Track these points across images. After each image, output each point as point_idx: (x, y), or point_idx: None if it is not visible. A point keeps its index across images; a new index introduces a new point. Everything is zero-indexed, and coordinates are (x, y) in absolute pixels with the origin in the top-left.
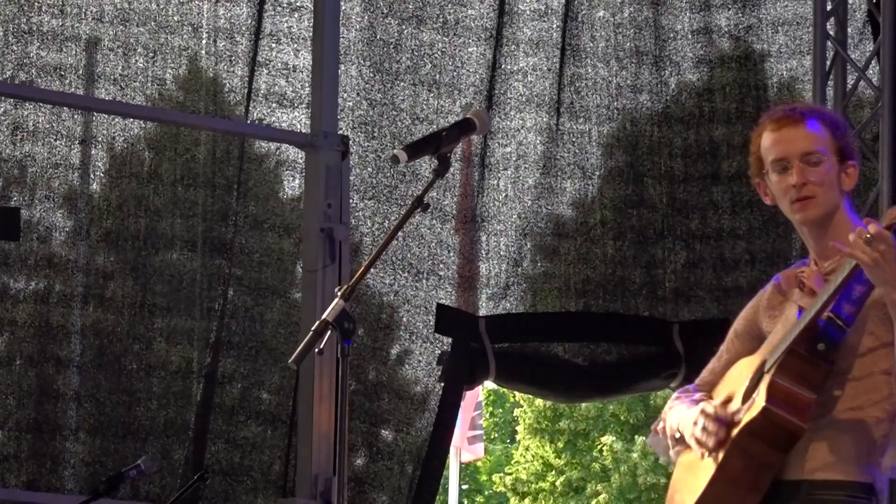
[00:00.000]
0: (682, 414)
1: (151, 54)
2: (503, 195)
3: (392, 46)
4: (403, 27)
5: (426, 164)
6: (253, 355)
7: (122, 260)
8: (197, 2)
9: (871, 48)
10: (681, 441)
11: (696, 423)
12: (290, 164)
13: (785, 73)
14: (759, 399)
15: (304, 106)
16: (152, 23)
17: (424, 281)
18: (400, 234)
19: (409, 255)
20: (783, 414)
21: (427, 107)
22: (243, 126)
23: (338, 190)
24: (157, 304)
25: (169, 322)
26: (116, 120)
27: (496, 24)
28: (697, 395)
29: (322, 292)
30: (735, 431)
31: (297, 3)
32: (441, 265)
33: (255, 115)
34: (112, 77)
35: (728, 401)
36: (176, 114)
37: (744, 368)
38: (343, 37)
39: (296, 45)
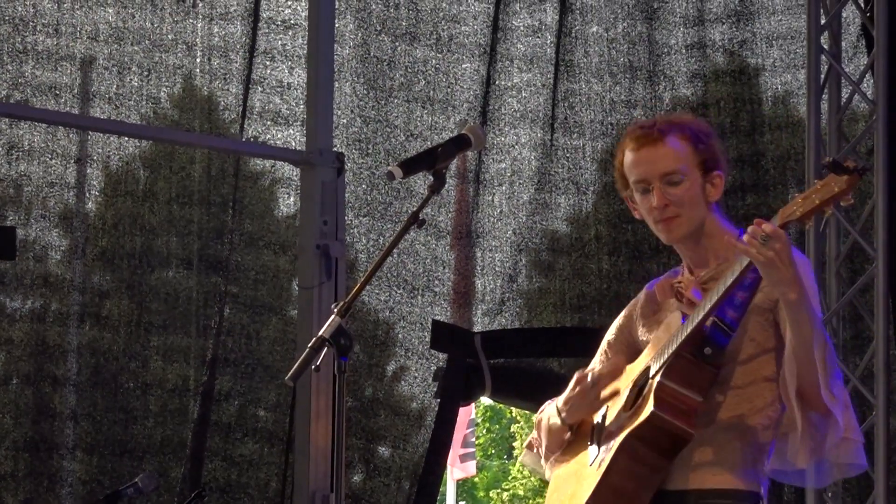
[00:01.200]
0: (557, 404)
1: (146, 73)
2: (498, 211)
3: (386, 63)
4: (397, 44)
5: (420, 181)
6: (249, 373)
7: (117, 278)
8: (191, 20)
9: (865, 61)
10: (566, 446)
11: (582, 383)
12: (286, 182)
13: (779, 87)
14: (647, 405)
15: (298, 123)
16: (147, 41)
17: (420, 297)
18: (395, 250)
19: (404, 272)
20: (670, 419)
21: (421, 123)
22: (238, 144)
23: (334, 207)
24: (154, 322)
25: (165, 340)
26: (111, 139)
27: (490, 41)
28: None
29: (318, 309)
30: (621, 437)
31: (292, 21)
32: (436, 281)
33: (250, 132)
34: (107, 96)
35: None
36: (171, 132)
37: (626, 374)
38: (337, 54)
39: (290, 63)
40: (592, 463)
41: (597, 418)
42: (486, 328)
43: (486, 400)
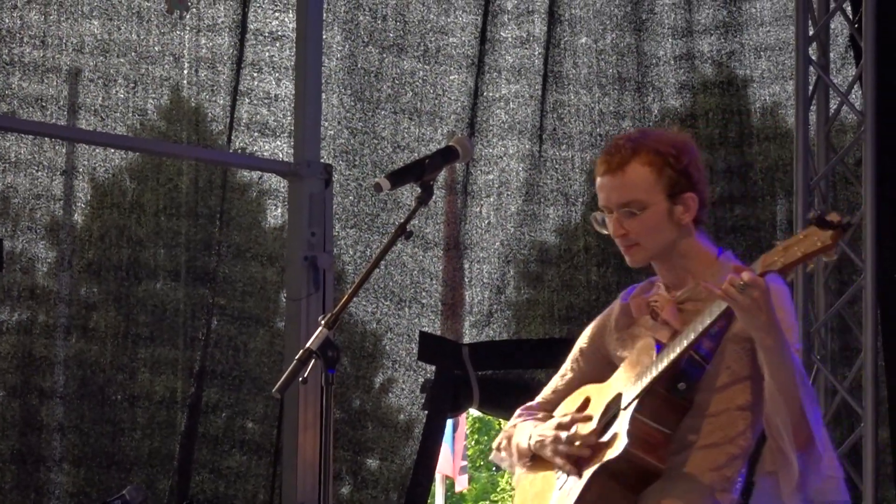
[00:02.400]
0: (532, 431)
1: (132, 85)
2: (486, 222)
3: (373, 75)
4: (384, 56)
5: (407, 193)
6: (237, 384)
7: (105, 290)
8: (178, 32)
9: (853, 73)
10: (534, 458)
11: (556, 441)
12: (273, 194)
13: (768, 97)
14: (620, 439)
15: (286, 135)
16: (133, 53)
17: (407, 309)
18: (382, 262)
19: (391, 284)
20: (642, 455)
21: (408, 135)
22: (226, 155)
23: (321, 218)
24: (141, 334)
25: (153, 352)
26: (98, 150)
27: (478, 52)
28: (541, 416)
29: (306, 321)
30: (592, 469)
31: (279, 33)
32: (423, 293)
33: (237, 144)
34: (93, 108)
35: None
36: (158, 143)
37: (596, 394)
38: (324, 66)
39: (277, 75)
40: (562, 487)
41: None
42: (475, 339)
43: (474, 411)
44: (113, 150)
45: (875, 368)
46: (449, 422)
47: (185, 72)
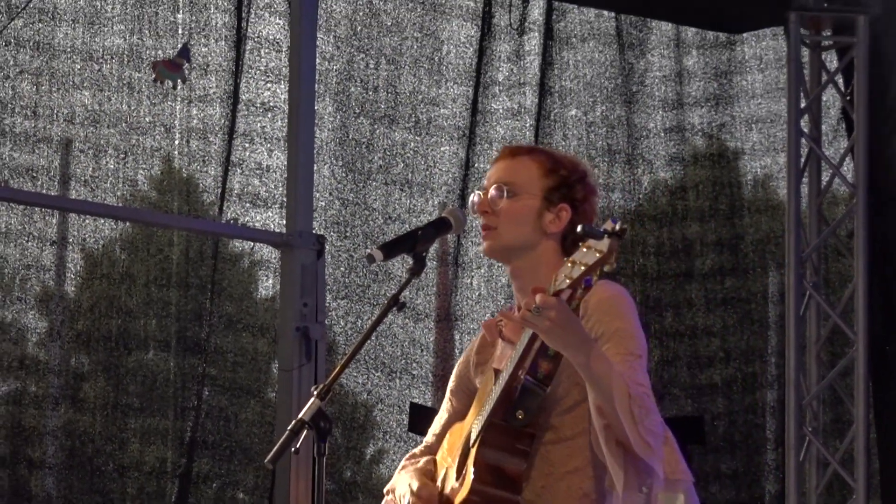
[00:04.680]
0: (404, 484)
1: (122, 155)
2: (477, 294)
3: (364, 146)
4: (376, 126)
5: (398, 264)
6: (228, 455)
7: (95, 361)
8: (170, 102)
9: (845, 145)
10: None
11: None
12: (265, 264)
13: (759, 170)
14: (468, 477)
15: (277, 205)
16: (123, 124)
17: (398, 380)
18: (373, 334)
19: (382, 355)
20: (493, 490)
21: (399, 206)
22: (218, 226)
23: (313, 289)
24: (131, 404)
25: (143, 422)
26: (88, 220)
27: (469, 123)
28: (422, 463)
29: (298, 391)
30: None
31: (271, 104)
32: (414, 364)
33: (229, 214)
34: (83, 178)
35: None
36: (150, 213)
37: (456, 437)
38: (316, 137)
39: (269, 145)
40: None
41: (439, 482)
42: None
43: None
44: (104, 221)
45: (867, 441)
46: None
47: (177, 142)
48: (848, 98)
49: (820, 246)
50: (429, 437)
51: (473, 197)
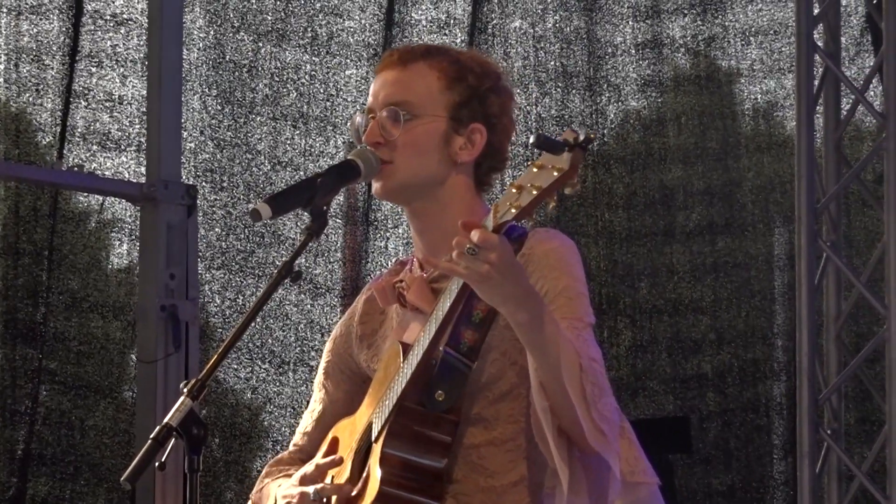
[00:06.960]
0: (277, 493)
1: None
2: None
3: (246, 70)
4: (260, 45)
5: (291, 223)
6: (72, 473)
7: None
8: None
9: (871, 63)
10: None
11: (304, 500)
12: (118, 225)
13: (760, 96)
14: (373, 480)
15: (133, 148)
16: None
17: (291, 373)
18: (260, 313)
19: (270, 341)
20: (408, 495)
21: (292, 148)
22: (56, 174)
23: (183, 256)
24: None
25: None
26: None
27: (382, 39)
28: (293, 470)
29: (163, 389)
30: None
31: (125, 16)
32: (313, 352)
33: (71, 160)
34: None
35: (335, 466)
36: None
37: (345, 434)
38: (183, 58)
39: (123, 70)
40: None
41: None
42: None
43: None
44: None
45: None
46: None
47: (2, 66)
48: (874, 1)
49: (839, 194)
50: (297, 439)
51: (357, 120)
